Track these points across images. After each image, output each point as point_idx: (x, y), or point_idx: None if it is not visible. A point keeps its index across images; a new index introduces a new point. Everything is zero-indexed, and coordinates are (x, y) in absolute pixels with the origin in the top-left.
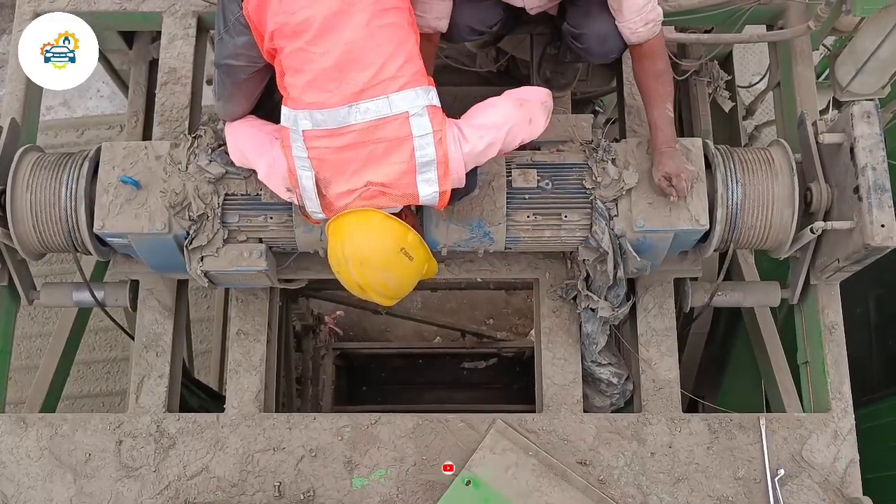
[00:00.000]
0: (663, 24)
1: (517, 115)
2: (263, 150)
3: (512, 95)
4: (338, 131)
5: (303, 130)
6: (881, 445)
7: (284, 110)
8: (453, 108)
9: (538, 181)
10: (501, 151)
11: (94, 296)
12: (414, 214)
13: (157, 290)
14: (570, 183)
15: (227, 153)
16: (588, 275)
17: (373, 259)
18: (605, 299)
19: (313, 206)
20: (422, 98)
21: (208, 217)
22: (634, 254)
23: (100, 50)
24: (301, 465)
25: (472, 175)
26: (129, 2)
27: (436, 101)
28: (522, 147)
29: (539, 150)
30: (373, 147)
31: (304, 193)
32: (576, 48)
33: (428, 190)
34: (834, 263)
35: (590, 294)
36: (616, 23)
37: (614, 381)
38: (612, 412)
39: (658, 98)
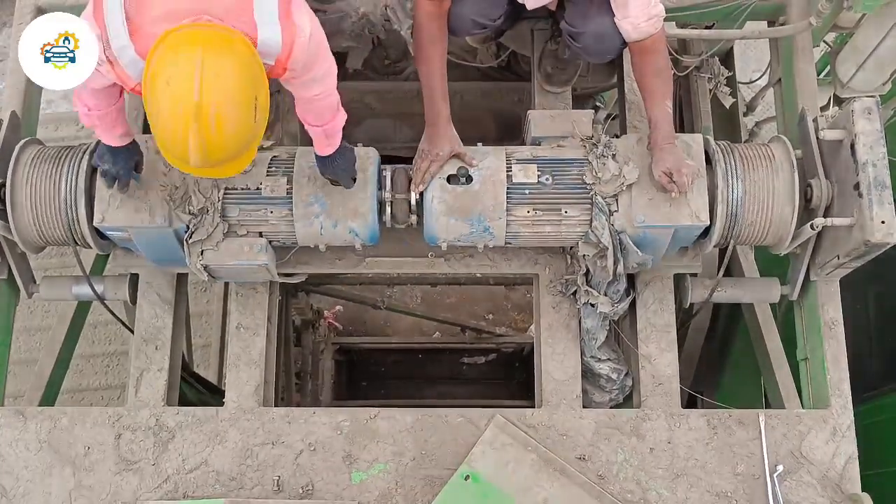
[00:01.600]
0: (665, 20)
1: None
2: None
3: None
4: None
5: None
6: (880, 442)
7: None
8: (456, 103)
9: (538, 176)
10: None
11: (93, 289)
12: None
13: (156, 283)
14: (571, 178)
15: None
16: (588, 270)
17: (232, 86)
18: (605, 295)
19: (118, 35)
20: None
21: (208, 211)
22: (635, 249)
23: None
24: (300, 460)
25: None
26: None
27: None
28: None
29: (539, 145)
30: None
31: (108, 22)
32: (574, 47)
33: (268, 32)
34: (834, 260)
35: (589, 289)
36: (617, 18)
37: (614, 376)
38: (611, 407)
39: (658, 95)
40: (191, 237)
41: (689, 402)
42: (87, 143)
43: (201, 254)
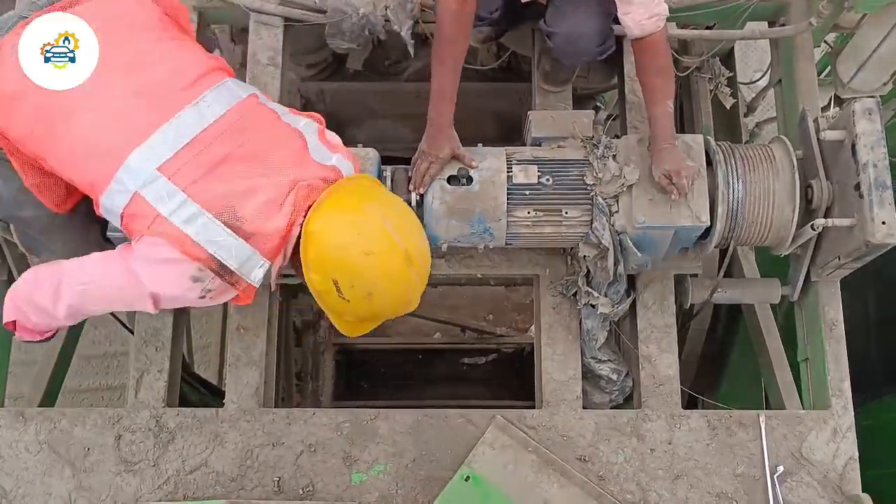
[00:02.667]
0: (666, 19)
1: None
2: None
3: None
4: (197, 138)
5: (155, 168)
6: (881, 443)
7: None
8: (456, 104)
9: (539, 177)
10: None
11: None
12: None
13: None
14: (571, 179)
15: None
16: (588, 271)
17: (406, 216)
18: (606, 296)
19: (239, 251)
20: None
21: None
22: (635, 250)
23: None
24: (300, 461)
25: None
26: None
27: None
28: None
29: (540, 145)
30: (243, 139)
31: (217, 248)
32: (551, 47)
33: (325, 160)
34: (834, 261)
35: (590, 290)
36: (620, 14)
37: (614, 377)
38: (611, 408)
39: (659, 94)
40: None
41: (690, 403)
42: None
43: None
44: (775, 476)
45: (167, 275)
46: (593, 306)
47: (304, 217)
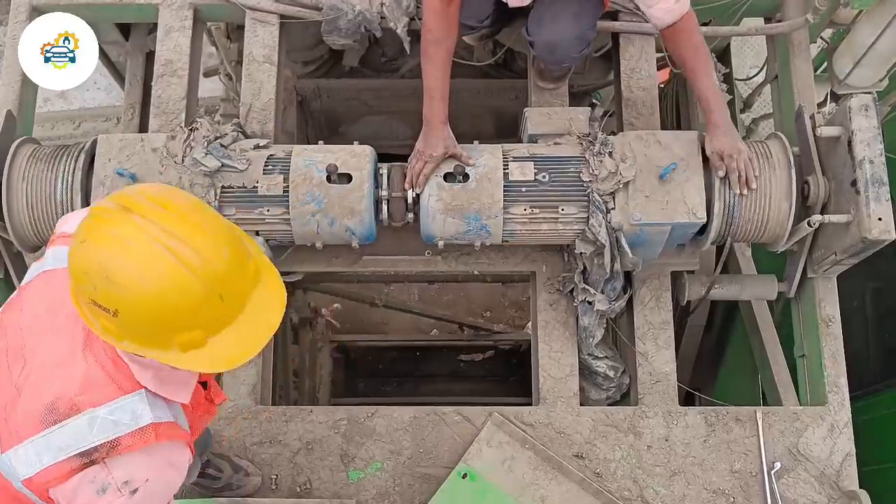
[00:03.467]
0: None
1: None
2: None
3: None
4: None
5: None
6: (878, 438)
7: None
8: (452, 101)
9: (535, 174)
10: None
11: None
12: None
13: None
14: (568, 176)
15: (223, 146)
16: (585, 268)
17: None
18: (602, 292)
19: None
20: None
21: None
22: (631, 246)
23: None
24: (297, 458)
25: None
26: None
27: None
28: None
29: (536, 142)
30: None
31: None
32: (534, 53)
33: None
34: (831, 257)
35: (586, 287)
36: (645, 8)
37: (611, 374)
38: (608, 405)
39: (701, 71)
40: None
41: (687, 400)
42: (83, 141)
43: None
44: (772, 472)
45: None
46: (590, 303)
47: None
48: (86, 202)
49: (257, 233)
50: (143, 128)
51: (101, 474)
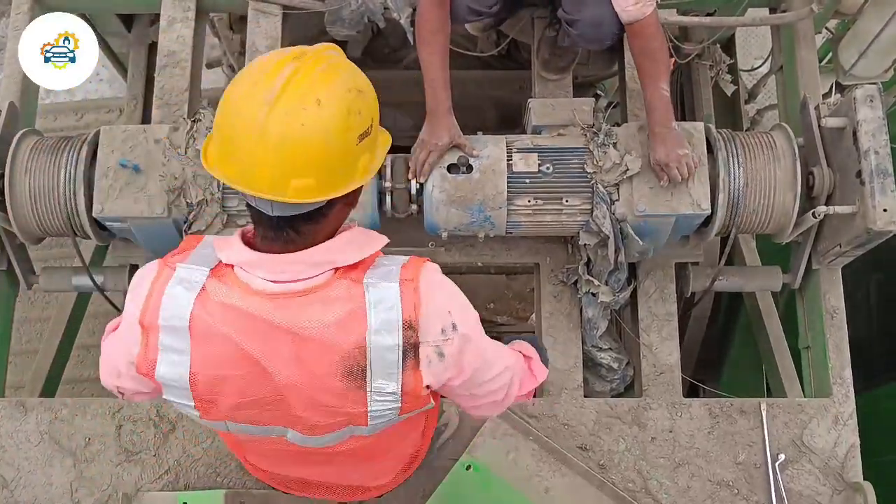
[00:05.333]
0: (666, 7)
1: None
2: None
3: None
4: None
5: None
6: (882, 430)
7: None
8: (456, 92)
9: (539, 165)
10: None
11: (93, 280)
12: None
13: None
14: (571, 167)
15: None
16: (589, 259)
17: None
18: (606, 284)
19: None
20: None
21: (207, 202)
22: (636, 238)
23: (99, 33)
24: None
25: None
26: None
27: None
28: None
29: (540, 133)
30: None
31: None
32: (571, 35)
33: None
34: (836, 248)
35: (590, 278)
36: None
37: (615, 366)
38: (612, 397)
39: (650, 77)
40: (190, 228)
41: (691, 391)
42: (86, 132)
43: None
44: (776, 464)
45: None
46: (594, 295)
47: None
48: (88, 194)
49: None
50: (145, 119)
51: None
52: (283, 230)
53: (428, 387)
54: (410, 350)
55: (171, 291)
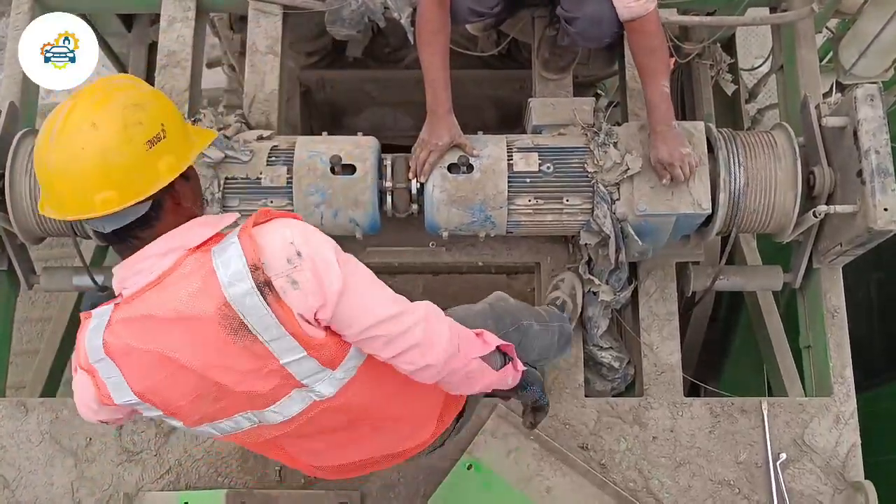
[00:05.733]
0: (666, 6)
1: None
2: None
3: None
4: None
5: None
6: (883, 429)
7: None
8: (456, 91)
9: (539, 165)
10: None
11: (94, 280)
12: None
13: None
14: (572, 167)
15: (226, 137)
16: (590, 259)
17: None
18: (607, 283)
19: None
20: None
21: (208, 202)
22: (636, 237)
23: (99, 33)
24: None
25: None
26: None
27: None
28: None
29: (540, 133)
30: None
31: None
32: (571, 33)
33: None
34: (836, 247)
35: (591, 278)
36: None
37: (616, 365)
38: (613, 396)
39: (649, 74)
40: None
41: (692, 391)
42: None
43: None
44: (778, 463)
45: None
46: (595, 294)
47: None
48: None
49: None
50: None
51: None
52: (126, 240)
53: (308, 321)
54: (265, 287)
55: (87, 336)
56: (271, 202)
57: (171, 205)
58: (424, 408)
